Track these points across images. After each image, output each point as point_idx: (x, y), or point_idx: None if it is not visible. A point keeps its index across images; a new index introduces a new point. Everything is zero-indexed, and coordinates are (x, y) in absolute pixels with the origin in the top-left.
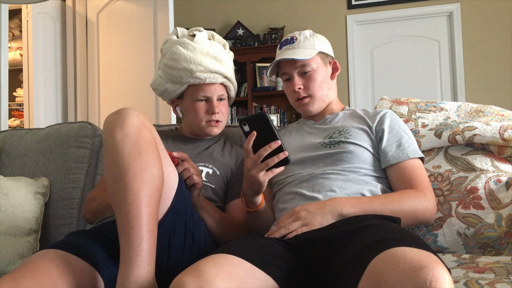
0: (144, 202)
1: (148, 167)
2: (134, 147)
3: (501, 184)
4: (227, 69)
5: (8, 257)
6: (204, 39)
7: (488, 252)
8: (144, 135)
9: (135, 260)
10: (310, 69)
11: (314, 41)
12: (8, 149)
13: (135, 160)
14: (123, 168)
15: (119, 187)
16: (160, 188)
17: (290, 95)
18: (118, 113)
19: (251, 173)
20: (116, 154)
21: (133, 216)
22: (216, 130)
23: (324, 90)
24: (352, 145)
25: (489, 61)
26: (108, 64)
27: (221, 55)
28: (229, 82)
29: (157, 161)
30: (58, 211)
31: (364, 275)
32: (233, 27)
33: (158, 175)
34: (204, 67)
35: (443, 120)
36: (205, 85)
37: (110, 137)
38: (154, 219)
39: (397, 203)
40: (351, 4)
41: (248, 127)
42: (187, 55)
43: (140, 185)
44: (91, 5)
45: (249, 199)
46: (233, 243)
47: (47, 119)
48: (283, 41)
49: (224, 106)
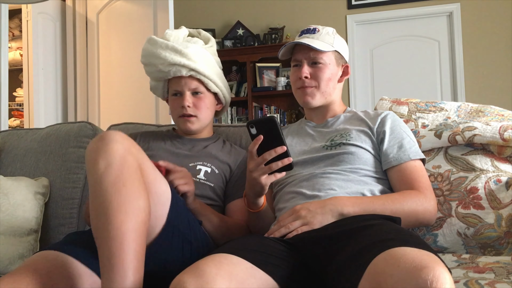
0: (127, 238)
1: (133, 199)
2: (118, 178)
3: (501, 184)
4: (193, 62)
5: (8, 257)
6: (173, 35)
7: (488, 252)
8: (129, 164)
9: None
10: (322, 62)
11: (334, 39)
12: (8, 149)
13: (119, 191)
14: (106, 200)
15: (101, 221)
16: (146, 221)
17: (295, 81)
18: (100, 139)
19: (253, 175)
20: (98, 186)
21: (115, 253)
22: (190, 125)
23: (329, 87)
24: (353, 147)
25: (489, 61)
26: (108, 64)
27: (184, 48)
28: (201, 75)
29: (142, 191)
30: (58, 211)
31: (364, 275)
32: (233, 27)
33: (144, 207)
34: (163, 60)
35: (443, 120)
36: (175, 79)
37: (93, 166)
38: (140, 255)
39: (397, 203)
40: (351, 4)
41: (256, 130)
42: (150, 50)
43: (124, 218)
44: (91, 5)
45: (251, 200)
46: (233, 243)
47: (47, 119)
48: (305, 29)
49: (200, 101)
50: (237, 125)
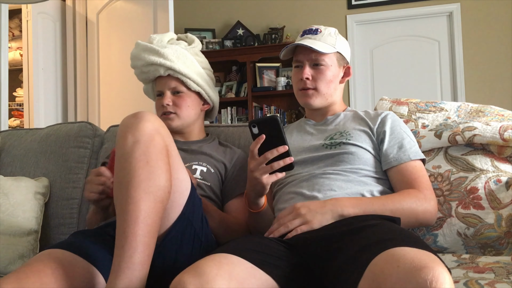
0: (143, 213)
1: (155, 176)
2: (143, 155)
3: (501, 184)
4: (169, 61)
5: (8, 257)
6: (157, 39)
7: (488, 252)
8: (156, 143)
9: (125, 272)
10: (324, 64)
11: (336, 40)
12: (8, 149)
13: (142, 168)
14: (129, 175)
15: (122, 194)
16: (165, 199)
17: (296, 83)
18: (134, 116)
19: (254, 175)
20: (124, 160)
21: (129, 226)
22: (170, 122)
23: (330, 89)
24: (353, 147)
25: (489, 61)
26: (108, 64)
27: (161, 48)
28: (179, 74)
29: (165, 171)
30: (58, 211)
31: (364, 276)
32: (233, 27)
33: (164, 186)
34: (143, 60)
35: (443, 120)
36: (158, 80)
37: (122, 141)
38: (153, 231)
39: (397, 203)
40: (351, 4)
41: (258, 129)
42: (134, 53)
43: (143, 194)
44: (91, 5)
45: (252, 200)
46: (234, 243)
47: (47, 119)
48: (307, 29)
49: (181, 99)
50: (236, 125)
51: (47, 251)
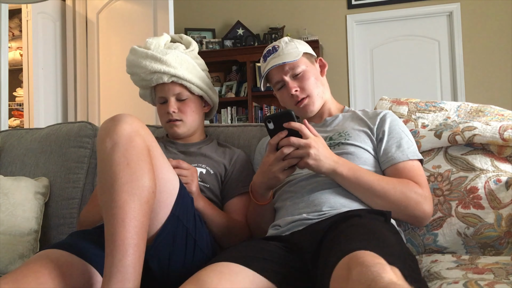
0: (129, 215)
1: (137, 178)
2: (123, 157)
3: (501, 184)
4: (173, 68)
5: (8, 257)
6: (153, 43)
7: (488, 252)
8: (136, 144)
9: (116, 276)
10: (301, 70)
11: (295, 44)
12: (8, 149)
13: (123, 170)
14: (111, 178)
15: (106, 198)
16: (150, 200)
17: (288, 100)
18: (111, 120)
19: (272, 169)
20: (104, 164)
21: (116, 229)
22: (176, 129)
23: (319, 87)
24: (353, 147)
25: (489, 61)
26: (108, 64)
27: (163, 55)
28: (182, 80)
29: (147, 171)
30: (58, 211)
31: (331, 280)
32: (233, 27)
33: (148, 186)
34: (144, 68)
35: (443, 120)
36: (160, 86)
37: (101, 145)
38: (141, 232)
39: (391, 184)
40: (351, 4)
41: (273, 124)
42: (132, 60)
43: (126, 197)
44: (91, 5)
45: (260, 192)
46: (235, 250)
47: (47, 119)
48: (266, 52)
49: (186, 105)
50: (236, 125)
51: (45, 251)
